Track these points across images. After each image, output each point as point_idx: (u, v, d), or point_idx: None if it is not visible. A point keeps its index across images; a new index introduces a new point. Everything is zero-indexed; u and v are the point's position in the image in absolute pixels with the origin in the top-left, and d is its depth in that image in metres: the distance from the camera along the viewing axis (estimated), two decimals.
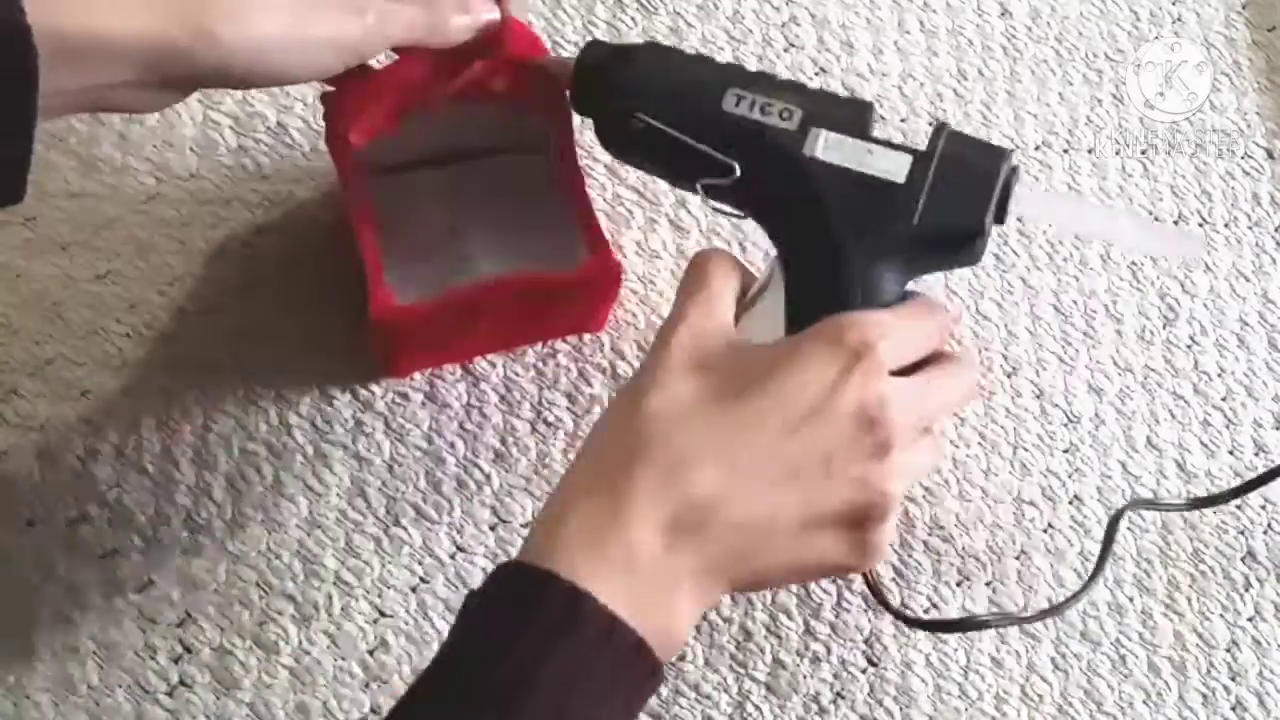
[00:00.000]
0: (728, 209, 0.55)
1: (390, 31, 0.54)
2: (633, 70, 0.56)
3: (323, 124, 0.60)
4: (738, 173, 0.53)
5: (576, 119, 0.60)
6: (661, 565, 0.46)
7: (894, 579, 0.63)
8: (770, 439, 0.48)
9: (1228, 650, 0.64)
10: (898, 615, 0.61)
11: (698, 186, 0.54)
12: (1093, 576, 0.62)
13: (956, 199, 0.52)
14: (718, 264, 0.53)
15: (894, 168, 0.52)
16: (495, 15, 0.56)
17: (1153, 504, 0.66)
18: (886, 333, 0.49)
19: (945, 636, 0.62)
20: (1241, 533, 0.67)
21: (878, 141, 0.53)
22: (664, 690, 0.60)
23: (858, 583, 0.63)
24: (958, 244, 0.52)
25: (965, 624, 0.62)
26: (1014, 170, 0.53)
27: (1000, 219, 0.53)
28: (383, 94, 0.57)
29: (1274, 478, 0.65)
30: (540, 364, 0.65)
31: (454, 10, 0.55)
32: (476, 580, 0.61)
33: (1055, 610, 0.62)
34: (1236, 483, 0.66)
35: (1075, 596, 0.62)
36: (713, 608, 0.49)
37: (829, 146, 0.53)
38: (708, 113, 0.54)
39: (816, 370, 0.48)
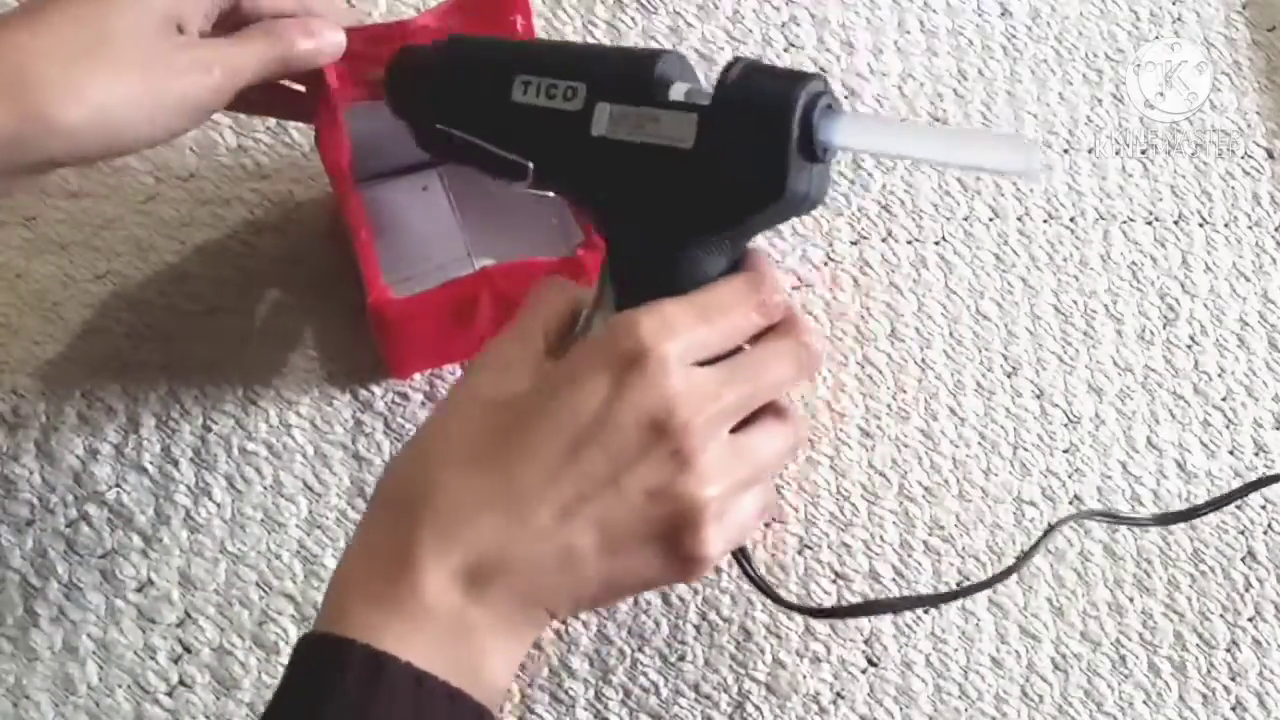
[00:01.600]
0: (552, 194, 0.52)
1: (239, 81, 0.54)
2: (428, 78, 0.52)
3: None
4: (530, 173, 0.49)
5: None
6: (462, 615, 0.44)
7: (894, 579, 0.63)
8: (548, 469, 0.45)
9: (1228, 650, 0.64)
10: (787, 605, 0.57)
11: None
12: (1011, 569, 0.58)
13: (749, 150, 0.46)
14: (537, 291, 0.50)
15: (680, 132, 0.47)
16: (340, 37, 0.56)
17: (1105, 515, 0.64)
18: (671, 329, 0.46)
19: (945, 636, 0.62)
20: (1241, 533, 0.67)
21: (666, 105, 0.48)
22: (664, 690, 0.60)
23: (858, 583, 0.63)
24: (769, 196, 0.47)
25: (865, 608, 0.59)
26: (815, 99, 0.47)
27: (813, 155, 0.47)
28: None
29: (1245, 494, 0.65)
30: None
31: (300, 35, 0.55)
32: None
33: (963, 593, 0.59)
34: (1237, 484, 0.66)
35: (987, 582, 0.58)
36: (535, 640, 0.47)
37: (615, 121, 0.48)
38: (499, 108, 0.50)
39: (591, 386, 0.45)
